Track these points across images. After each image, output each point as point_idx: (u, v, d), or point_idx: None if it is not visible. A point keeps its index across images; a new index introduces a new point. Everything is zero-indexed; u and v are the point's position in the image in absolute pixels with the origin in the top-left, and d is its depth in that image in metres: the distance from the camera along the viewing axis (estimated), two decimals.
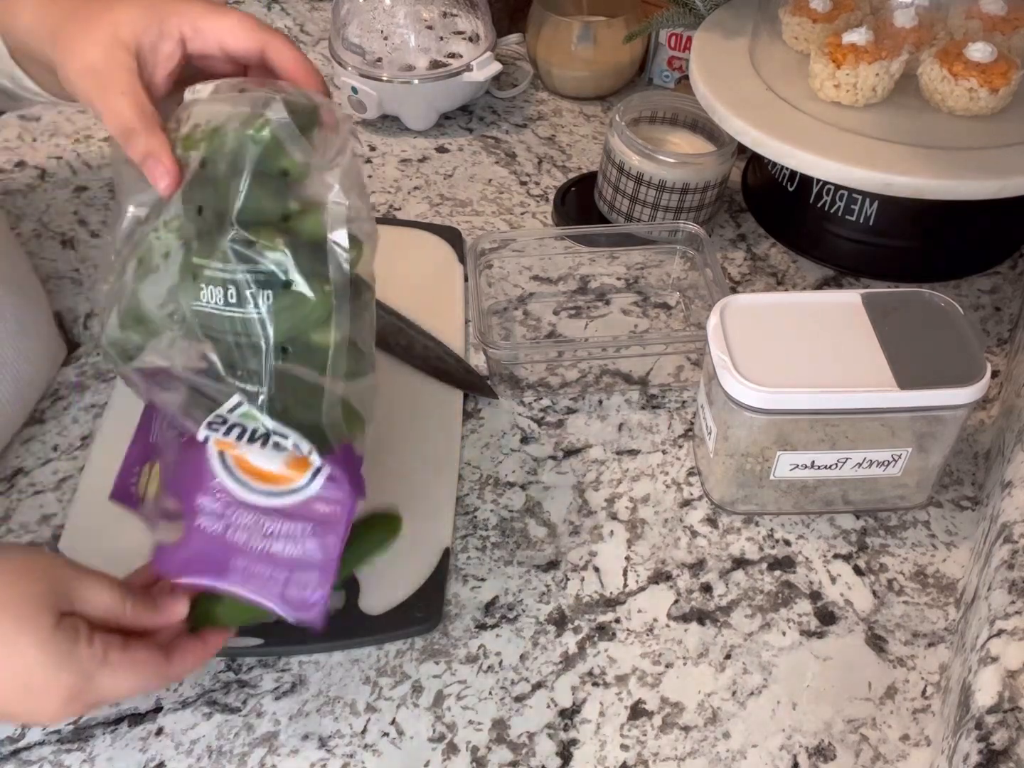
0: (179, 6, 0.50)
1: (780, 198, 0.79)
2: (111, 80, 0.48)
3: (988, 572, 0.52)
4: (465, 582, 0.57)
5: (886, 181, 0.64)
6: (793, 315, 0.58)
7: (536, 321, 0.73)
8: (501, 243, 0.74)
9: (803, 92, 0.71)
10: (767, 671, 0.54)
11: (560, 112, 0.94)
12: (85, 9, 0.50)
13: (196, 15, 0.50)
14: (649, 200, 0.76)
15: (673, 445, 0.65)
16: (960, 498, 0.62)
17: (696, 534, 0.60)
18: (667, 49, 0.92)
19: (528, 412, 0.67)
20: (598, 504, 0.62)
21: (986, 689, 0.46)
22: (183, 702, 0.52)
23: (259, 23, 0.51)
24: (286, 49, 0.50)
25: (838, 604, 0.57)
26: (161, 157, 0.46)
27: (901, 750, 0.51)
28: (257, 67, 0.51)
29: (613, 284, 0.76)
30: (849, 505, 0.61)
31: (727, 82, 0.73)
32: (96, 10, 0.50)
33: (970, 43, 0.68)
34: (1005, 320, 0.74)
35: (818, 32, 0.73)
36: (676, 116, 0.81)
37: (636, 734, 0.51)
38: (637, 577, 0.58)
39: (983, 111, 0.68)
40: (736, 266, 0.78)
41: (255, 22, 0.50)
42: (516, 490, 0.62)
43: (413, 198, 0.84)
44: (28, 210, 0.81)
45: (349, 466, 0.46)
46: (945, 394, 0.54)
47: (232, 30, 0.50)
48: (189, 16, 0.50)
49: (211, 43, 0.50)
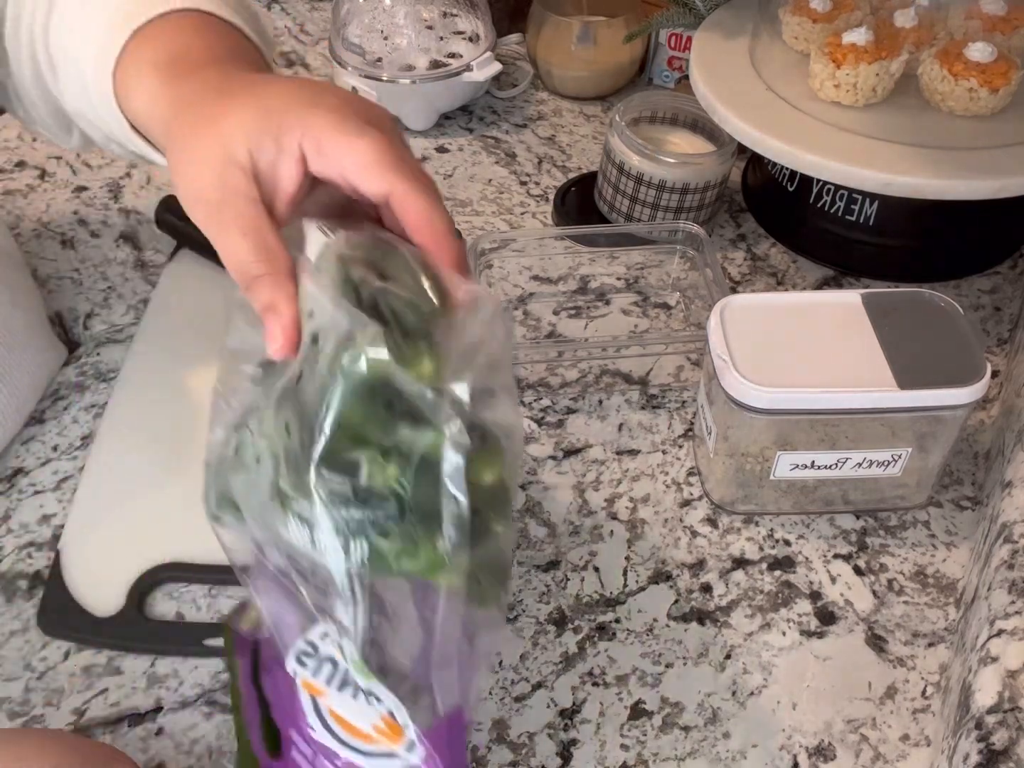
0: (302, 114, 0.40)
1: (780, 198, 0.79)
2: (228, 215, 0.39)
3: (988, 572, 0.52)
4: None
5: (886, 181, 0.64)
6: (793, 315, 0.58)
7: (536, 321, 0.73)
8: (501, 243, 0.74)
9: (803, 92, 0.71)
10: (767, 671, 0.54)
11: (560, 112, 0.94)
12: (197, 105, 0.43)
13: (321, 130, 0.39)
14: (649, 200, 0.76)
15: (673, 445, 0.65)
16: (960, 498, 0.62)
17: (696, 534, 0.60)
18: (667, 49, 0.92)
19: (528, 412, 0.67)
20: (598, 504, 0.62)
21: (986, 689, 0.46)
22: (183, 702, 0.52)
23: (395, 156, 0.39)
24: (413, 202, 0.39)
25: (838, 604, 0.57)
26: (282, 314, 0.38)
27: (901, 750, 0.51)
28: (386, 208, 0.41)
29: (613, 284, 0.76)
30: (849, 505, 0.61)
31: (727, 82, 0.73)
32: (207, 109, 0.42)
33: (970, 43, 0.68)
34: (1005, 320, 0.74)
35: (818, 32, 0.73)
36: (676, 116, 0.81)
37: (636, 734, 0.51)
38: (637, 577, 0.58)
39: (983, 111, 0.68)
40: (736, 266, 0.78)
41: (390, 156, 0.39)
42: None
43: None
44: (28, 210, 0.81)
45: (453, 740, 0.39)
46: (945, 394, 0.54)
47: (359, 164, 0.39)
48: (313, 131, 0.39)
49: (333, 170, 0.40)
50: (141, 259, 0.77)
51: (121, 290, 0.75)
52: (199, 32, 0.49)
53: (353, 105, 0.41)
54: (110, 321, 0.72)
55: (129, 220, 0.81)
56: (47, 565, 0.57)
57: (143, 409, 0.65)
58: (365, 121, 0.40)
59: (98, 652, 0.54)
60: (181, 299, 0.73)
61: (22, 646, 0.54)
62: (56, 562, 0.56)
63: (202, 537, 0.58)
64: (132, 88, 0.48)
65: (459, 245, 0.41)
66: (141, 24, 0.48)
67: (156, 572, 0.56)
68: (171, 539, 0.58)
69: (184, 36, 0.48)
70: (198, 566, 0.56)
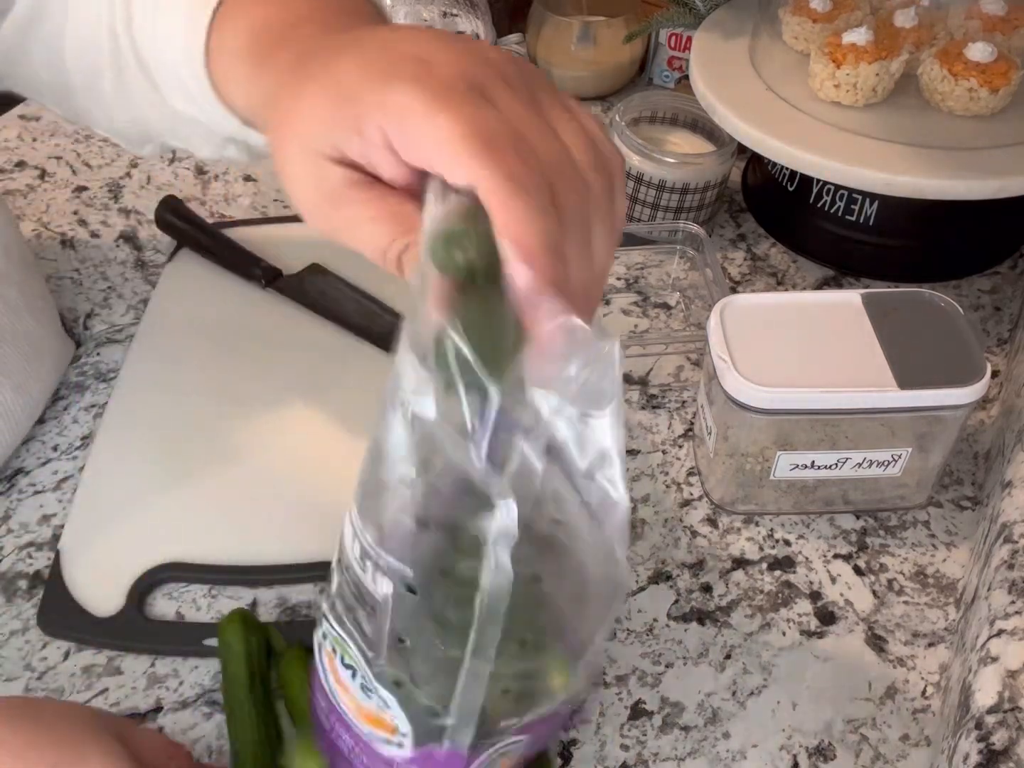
0: (378, 90, 0.32)
1: (780, 198, 0.79)
2: (344, 214, 0.35)
3: (988, 572, 0.52)
4: None
5: (886, 181, 0.64)
6: (793, 315, 0.58)
7: None
8: None
9: (803, 92, 0.71)
10: (767, 671, 0.54)
11: None
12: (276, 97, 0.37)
13: (400, 110, 0.32)
14: (649, 200, 0.76)
15: (673, 445, 0.65)
16: (960, 498, 0.62)
17: (696, 534, 0.60)
18: (667, 49, 0.92)
19: None
20: None
21: (986, 689, 0.46)
22: (183, 702, 0.52)
23: (487, 132, 0.31)
24: (498, 205, 0.30)
25: (838, 604, 0.57)
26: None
27: (901, 750, 0.51)
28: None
29: (613, 284, 0.76)
30: (849, 505, 0.61)
31: (727, 82, 0.73)
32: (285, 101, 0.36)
33: (970, 43, 0.68)
34: (1005, 320, 0.74)
35: (818, 32, 0.73)
36: (676, 116, 0.81)
37: (636, 734, 0.51)
38: (637, 577, 0.58)
39: (983, 111, 0.68)
40: (736, 266, 0.78)
41: (478, 132, 0.30)
42: None
43: None
44: (28, 210, 0.81)
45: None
46: (945, 394, 0.54)
47: (437, 148, 0.31)
48: (392, 112, 0.32)
49: (421, 158, 0.32)
50: (141, 259, 0.77)
51: (121, 290, 0.75)
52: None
53: (440, 62, 0.33)
54: (110, 321, 0.72)
55: (129, 220, 0.81)
56: (47, 565, 0.57)
57: (143, 409, 0.65)
58: (456, 78, 0.32)
59: (98, 652, 0.54)
60: (181, 299, 0.73)
61: (22, 646, 0.54)
62: (56, 562, 0.56)
63: (202, 537, 0.58)
64: (228, 82, 0.43)
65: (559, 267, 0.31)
66: (216, 4, 0.43)
67: (156, 572, 0.56)
68: (171, 539, 0.58)
69: (260, 3, 0.42)
70: (198, 566, 0.56)
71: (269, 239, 0.76)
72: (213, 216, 0.81)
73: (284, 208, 0.82)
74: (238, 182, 0.84)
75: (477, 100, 0.32)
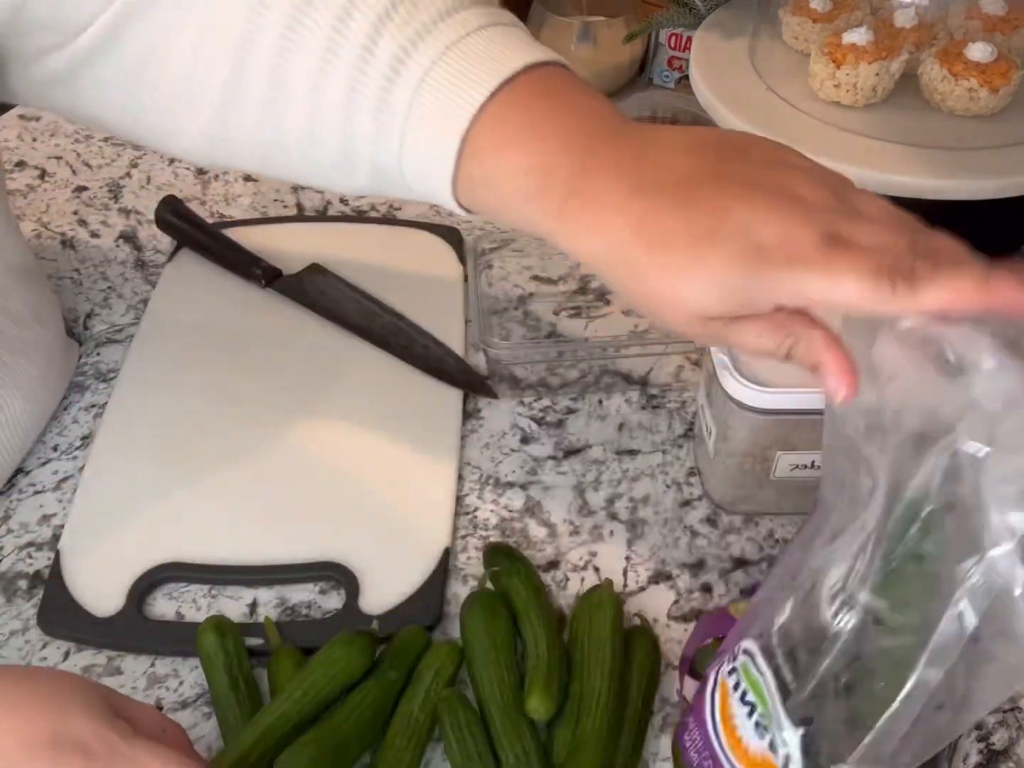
0: (782, 263, 0.37)
1: None
2: (732, 329, 0.39)
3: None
4: (465, 582, 0.57)
5: (886, 181, 0.64)
6: None
7: (536, 321, 0.73)
8: (501, 243, 0.74)
9: (803, 92, 0.71)
10: None
11: None
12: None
13: (805, 282, 0.36)
14: None
15: (673, 445, 0.65)
16: None
17: (696, 534, 0.60)
18: (667, 49, 0.92)
19: (528, 412, 0.67)
20: (598, 504, 0.62)
21: None
22: (183, 702, 0.52)
23: (879, 273, 0.36)
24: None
25: None
26: (830, 360, 0.38)
27: None
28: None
29: None
30: None
31: (727, 82, 0.73)
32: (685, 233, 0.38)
33: (970, 43, 0.68)
34: None
35: (818, 32, 0.73)
36: (676, 116, 0.81)
37: None
38: (637, 577, 0.58)
39: (983, 111, 0.68)
40: None
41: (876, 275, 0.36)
42: (516, 490, 0.62)
43: None
44: (28, 210, 0.81)
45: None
46: None
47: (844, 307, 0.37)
48: (796, 286, 0.37)
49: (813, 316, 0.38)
50: (141, 259, 0.77)
51: (121, 290, 0.75)
52: (541, 102, 0.43)
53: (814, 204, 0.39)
54: (110, 321, 0.72)
55: (129, 220, 0.81)
56: (47, 565, 0.57)
57: (143, 409, 0.65)
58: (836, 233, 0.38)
59: (98, 652, 0.54)
60: (181, 299, 0.73)
61: (22, 646, 0.54)
62: (56, 562, 0.56)
63: (202, 537, 0.58)
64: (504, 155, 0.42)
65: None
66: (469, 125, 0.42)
67: (156, 572, 0.56)
68: (171, 539, 0.58)
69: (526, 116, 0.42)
70: (198, 566, 0.56)
71: (269, 239, 0.76)
72: (213, 216, 0.81)
73: (284, 208, 0.82)
74: (238, 182, 0.84)
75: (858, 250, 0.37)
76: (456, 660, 0.51)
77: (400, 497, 0.60)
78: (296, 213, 0.82)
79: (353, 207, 0.82)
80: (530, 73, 0.43)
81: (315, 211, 0.82)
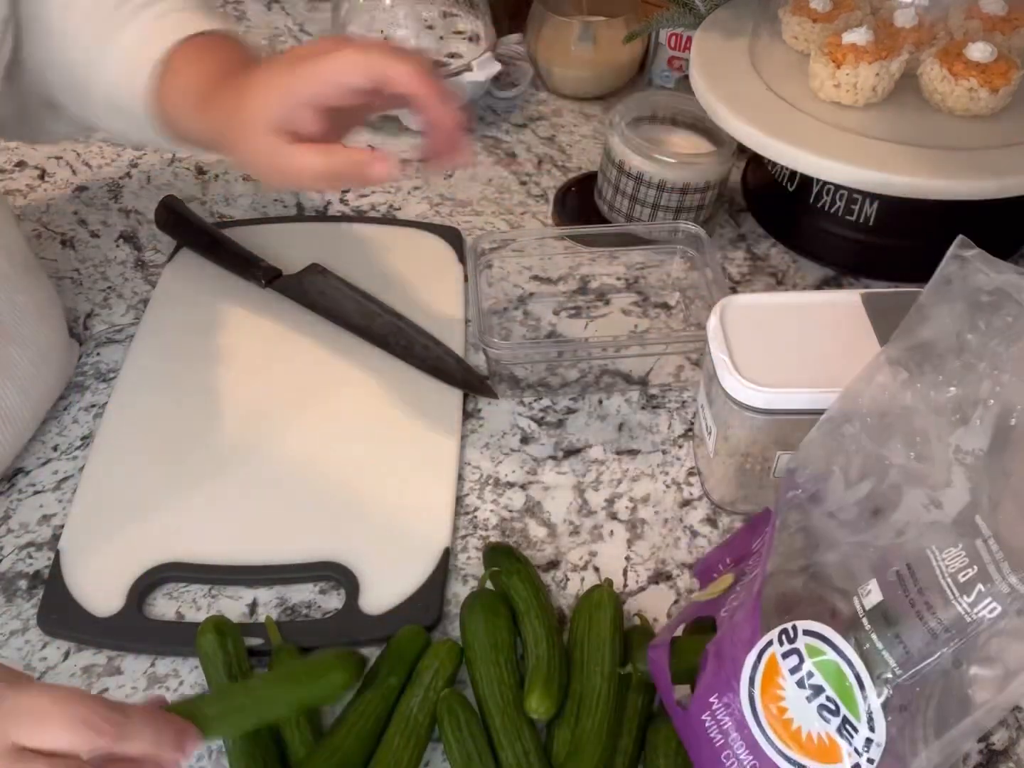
0: (303, 63, 0.52)
1: (780, 198, 0.79)
2: (289, 161, 0.52)
3: None
4: (465, 582, 0.57)
5: (886, 181, 0.64)
6: (793, 315, 0.58)
7: (536, 321, 0.73)
8: (501, 243, 0.74)
9: (803, 92, 0.71)
10: None
11: (560, 112, 0.94)
12: (230, 111, 0.54)
13: (312, 64, 0.51)
14: (649, 200, 0.76)
15: (673, 445, 0.65)
16: None
17: (696, 534, 0.60)
18: (667, 49, 0.92)
19: (528, 412, 0.67)
20: (598, 504, 0.62)
21: None
22: None
23: (375, 52, 0.51)
24: (398, 66, 0.51)
25: None
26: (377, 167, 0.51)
27: None
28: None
29: (613, 284, 0.76)
30: None
31: (727, 82, 0.73)
32: (235, 104, 0.54)
33: (970, 43, 0.68)
34: None
35: (818, 32, 0.73)
36: (676, 116, 0.81)
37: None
38: (637, 577, 0.58)
39: (983, 111, 0.68)
40: (736, 266, 0.78)
41: (373, 53, 0.51)
42: (516, 490, 0.62)
43: (413, 198, 0.84)
44: (28, 210, 0.81)
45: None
46: None
47: (342, 69, 0.51)
48: (309, 69, 0.51)
49: (333, 88, 0.51)
50: (141, 259, 0.77)
51: (121, 290, 0.75)
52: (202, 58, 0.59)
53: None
54: (110, 321, 0.72)
55: (129, 220, 0.81)
56: (47, 565, 0.57)
57: (143, 409, 0.65)
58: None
59: (98, 652, 0.54)
60: (181, 299, 0.73)
61: (22, 646, 0.54)
62: (56, 562, 0.56)
63: (202, 537, 0.58)
64: (179, 110, 0.59)
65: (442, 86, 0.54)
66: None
67: (156, 572, 0.56)
68: (171, 539, 0.58)
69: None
70: (198, 566, 0.56)
71: (269, 239, 0.76)
72: (213, 216, 0.81)
73: (284, 208, 0.82)
74: (238, 182, 0.84)
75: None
76: (456, 660, 0.51)
77: (400, 497, 0.60)
78: (296, 213, 0.82)
79: (353, 207, 0.82)
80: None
81: (315, 211, 0.82)
